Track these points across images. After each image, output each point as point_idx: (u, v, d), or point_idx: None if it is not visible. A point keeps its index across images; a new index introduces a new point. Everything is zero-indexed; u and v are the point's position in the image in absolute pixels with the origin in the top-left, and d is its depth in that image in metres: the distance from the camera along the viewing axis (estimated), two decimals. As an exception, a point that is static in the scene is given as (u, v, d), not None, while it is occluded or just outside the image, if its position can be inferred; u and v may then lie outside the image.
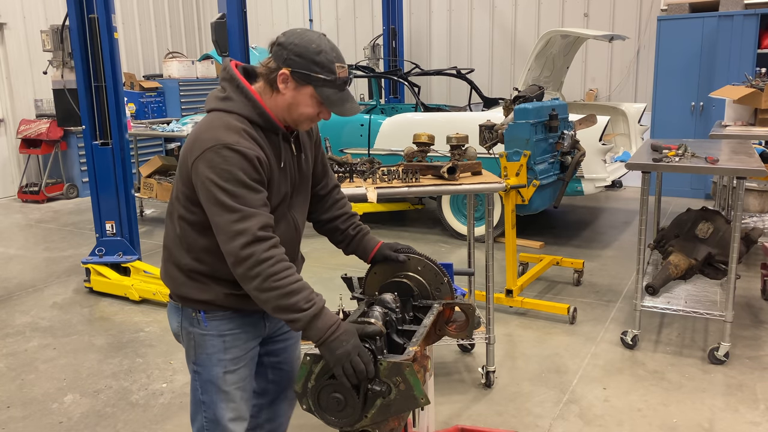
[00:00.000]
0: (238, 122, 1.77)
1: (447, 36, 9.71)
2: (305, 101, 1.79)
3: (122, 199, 4.89)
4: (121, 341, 4.14)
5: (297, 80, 1.76)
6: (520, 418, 3.14)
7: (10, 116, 8.79)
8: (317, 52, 1.74)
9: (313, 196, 2.12)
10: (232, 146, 1.70)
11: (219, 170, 1.69)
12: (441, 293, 2.04)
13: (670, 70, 7.31)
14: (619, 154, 6.65)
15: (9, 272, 5.62)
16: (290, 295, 1.68)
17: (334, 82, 1.76)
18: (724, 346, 3.58)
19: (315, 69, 1.74)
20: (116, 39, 4.75)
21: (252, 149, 1.73)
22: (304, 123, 1.85)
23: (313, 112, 1.81)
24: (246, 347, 1.96)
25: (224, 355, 1.92)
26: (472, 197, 3.76)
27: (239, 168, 1.69)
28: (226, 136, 1.72)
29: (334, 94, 1.78)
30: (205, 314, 1.90)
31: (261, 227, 1.69)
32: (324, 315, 1.70)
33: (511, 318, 4.32)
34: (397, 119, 6.25)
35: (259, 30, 11.08)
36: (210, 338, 1.91)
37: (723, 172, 3.99)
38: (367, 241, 2.13)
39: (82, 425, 3.18)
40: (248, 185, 1.70)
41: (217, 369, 1.92)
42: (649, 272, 4.36)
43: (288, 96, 1.79)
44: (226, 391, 1.94)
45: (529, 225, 6.40)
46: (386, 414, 1.63)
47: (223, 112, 1.79)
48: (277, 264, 1.69)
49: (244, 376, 1.98)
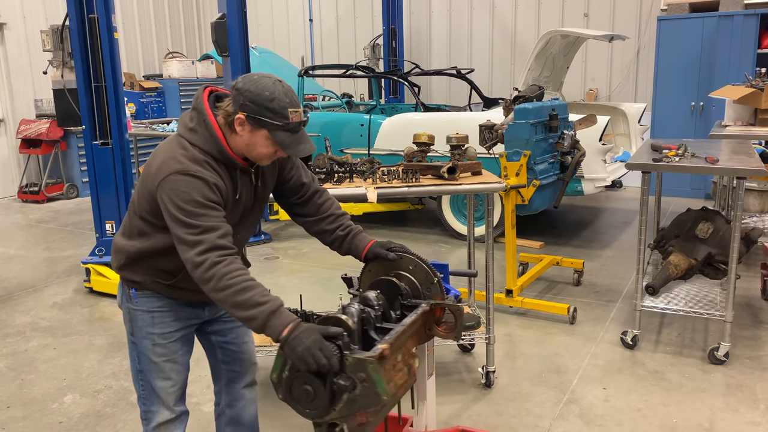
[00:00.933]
0: (201, 155, 1.93)
1: (447, 36, 9.71)
2: (261, 142, 1.93)
3: (122, 199, 4.88)
4: (121, 341, 4.14)
5: (252, 124, 1.90)
6: (520, 418, 3.14)
7: (10, 116, 8.79)
8: (270, 99, 1.88)
9: (293, 205, 2.28)
10: (194, 174, 1.88)
11: (181, 192, 1.86)
12: (432, 293, 2.04)
13: (670, 70, 7.31)
14: (619, 154, 6.65)
15: (9, 272, 5.62)
16: (245, 291, 1.80)
17: (286, 127, 1.90)
18: (724, 346, 3.58)
19: (268, 115, 1.88)
20: (116, 39, 4.75)
21: (212, 177, 1.90)
22: (264, 160, 2.01)
23: (270, 151, 1.96)
24: (176, 325, 2.15)
25: (153, 330, 2.13)
26: (472, 197, 3.76)
27: (199, 192, 1.86)
28: (190, 166, 1.89)
29: (288, 137, 1.91)
30: (135, 291, 2.12)
31: (220, 236, 1.85)
32: (281, 314, 1.78)
33: (511, 318, 4.32)
34: (397, 119, 6.25)
35: (259, 30, 11.09)
36: (140, 313, 2.13)
37: (723, 172, 3.99)
38: (359, 240, 2.19)
39: (82, 425, 3.18)
40: (207, 206, 1.87)
41: (146, 342, 2.14)
42: (649, 272, 4.36)
43: (245, 137, 1.94)
44: (156, 362, 2.15)
45: (529, 225, 6.40)
46: (352, 408, 1.66)
47: (187, 143, 1.95)
48: (230, 265, 1.83)
49: (175, 350, 2.16)
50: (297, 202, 2.27)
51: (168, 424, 2.20)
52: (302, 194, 2.26)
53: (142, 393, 2.21)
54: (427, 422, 2.32)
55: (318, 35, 10.72)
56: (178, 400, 2.21)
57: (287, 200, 2.28)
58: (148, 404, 2.20)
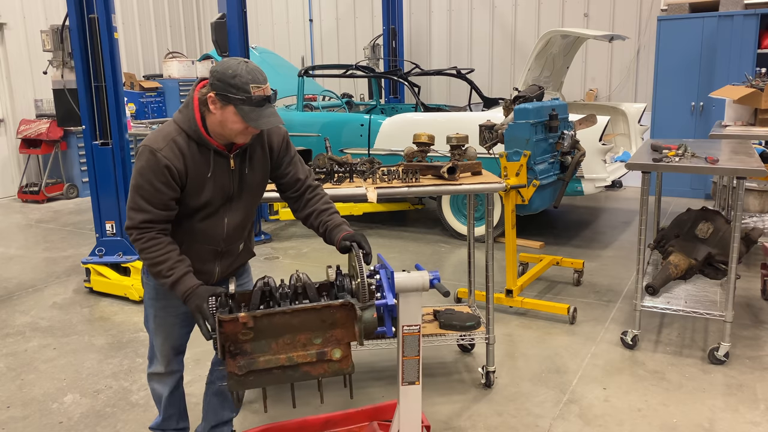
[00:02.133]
0: (176, 133, 2.20)
1: (447, 36, 9.71)
2: (231, 118, 2.13)
3: (122, 199, 4.88)
4: (121, 341, 4.14)
5: (221, 101, 2.12)
6: (520, 418, 3.14)
7: (10, 116, 8.79)
8: (233, 76, 2.09)
9: (287, 199, 2.53)
10: (154, 151, 2.15)
11: (140, 165, 2.18)
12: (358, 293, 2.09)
13: (670, 70, 7.31)
14: (619, 154, 6.65)
15: (9, 272, 5.62)
16: (156, 265, 2.19)
17: (249, 101, 2.09)
18: (724, 346, 3.58)
19: (232, 90, 2.09)
20: (116, 39, 4.75)
21: (168, 158, 2.15)
22: (238, 137, 2.19)
23: (241, 127, 2.15)
24: (175, 304, 2.41)
25: (156, 302, 2.49)
26: (472, 197, 3.76)
27: (151, 170, 2.15)
28: (156, 142, 2.17)
29: (251, 111, 2.11)
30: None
31: (143, 221, 2.19)
32: (181, 282, 2.16)
33: (511, 318, 4.32)
34: (397, 119, 6.25)
35: (259, 30, 11.09)
36: (148, 286, 2.49)
37: (723, 172, 3.98)
38: (334, 235, 2.37)
39: (82, 425, 3.18)
40: (153, 184, 2.16)
41: (151, 310, 2.52)
42: (649, 272, 4.36)
43: (218, 115, 2.15)
44: (155, 327, 2.54)
45: (529, 225, 6.40)
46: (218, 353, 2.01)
47: (173, 122, 2.24)
48: (147, 242, 2.19)
49: (172, 323, 2.51)
50: (292, 197, 2.51)
51: (161, 376, 2.63)
52: (297, 189, 2.49)
53: (150, 345, 2.63)
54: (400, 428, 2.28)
55: (318, 35, 10.72)
56: (171, 361, 2.60)
57: (284, 194, 2.53)
58: (150, 355, 2.64)
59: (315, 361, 2.06)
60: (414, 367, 2.23)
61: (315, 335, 2.05)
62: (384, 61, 9.16)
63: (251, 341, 2.00)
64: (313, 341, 2.05)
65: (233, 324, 1.96)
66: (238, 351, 2.00)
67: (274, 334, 2.01)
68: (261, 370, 2.02)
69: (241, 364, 2.00)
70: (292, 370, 2.05)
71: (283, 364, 2.03)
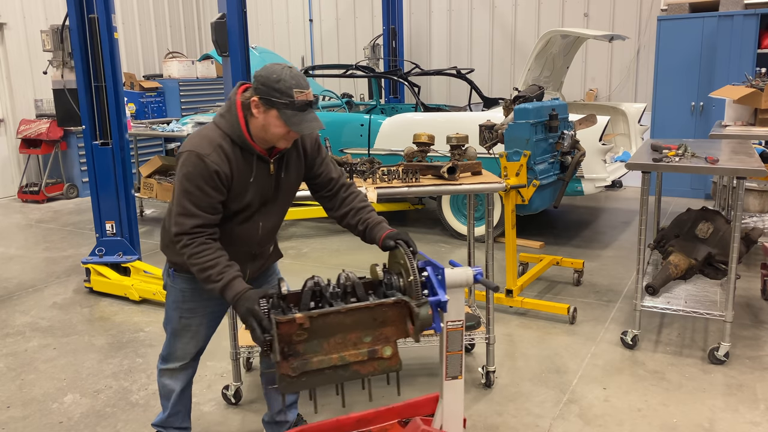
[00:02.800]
0: (221, 138, 2.20)
1: (447, 36, 9.71)
2: (273, 122, 2.16)
3: (122, 199, 4.88)
4: (121, 341, 4.14)
5: (264, 105, 2.14)
6: (520, 418, 3.14)
7: (10, 116, 8.79)
8: (277, 80, 2.11)
9: (321, 198, 2.54)
10: (202, 156, 2.15)
11: (186, 171, 2.17)
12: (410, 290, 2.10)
13: (670, 70, 7.31)
14: (619, 154, 6.64)
15: (9, 272, 5.62)
16: (205, 270, 2.16)
17: (292, 105, 2.12)
18: (724, 346, 3.58)
19: (275, 95, 2.12)
20: (116, 39, 4.75)
21: (216, 164, 2.16)
22: (280, 141, 2.22)
23: (283, 131, 2.17)
24: (203, 304, 2.48)
25: (182, 305, 2.49)
26: (472, 197, 3.76)
27: (200, 175, 2.15)
28: (203, 147, 2.17)
29: (294, 115, 2.13)
30: (174, 271, 2.47)
31: (194, 226, 2.17)
32: (231, 286, 2.13)
33: (511, 318, 4.32)
34: (397, 119, 6.25)
35: (259, 30, 11.09)
36: (174, 290, 2.50)
37: (723, 172, 3.98)
38: (375, 232, 2.37)
39: (82, 425, 3.18)
40: (202, 189, 2.16)
41: (175, 313, 2.52)
42: (649, 272, 4.36)
43: (260, 119, 2.17)
44: (178, 329, 2.54)
45: (529, 225, 6.40)
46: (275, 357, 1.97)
47: (215, 126, 2.24)
48: (197, 247, 2.17)
49: (197, 324, 2.53)
50: (326, 196, 2.52)
51: (174, 372, 2.63)
52: (330, 189, 2.50)
53: (165, 342, 2.62)
54: (443, 423, 2.32)
55: (318, 35, 10.72)
56: (190, 359, 2.61)
57: (318, 194, 2.55)
58: (165, 353, 2.63)
59: (366, 359, 2.05)
60: (458, 361, 2.31)
61: (365, 334, 2.05)
62: (384, 61, 9.16)
63: (304, 342, 1.98)
64: (363, 340, 2.05)
65: (289, 325, 1.95)
66: (291, 352, 1.98)
67: (327, 333, 2.00)
68: (313, 370, 2.01)
69: (294, 365, 1.97)
70: (342, 370, 2.04)
71: (335, 364, 2.02)
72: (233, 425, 3.13)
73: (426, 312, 2.05)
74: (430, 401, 2.55)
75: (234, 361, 3.31)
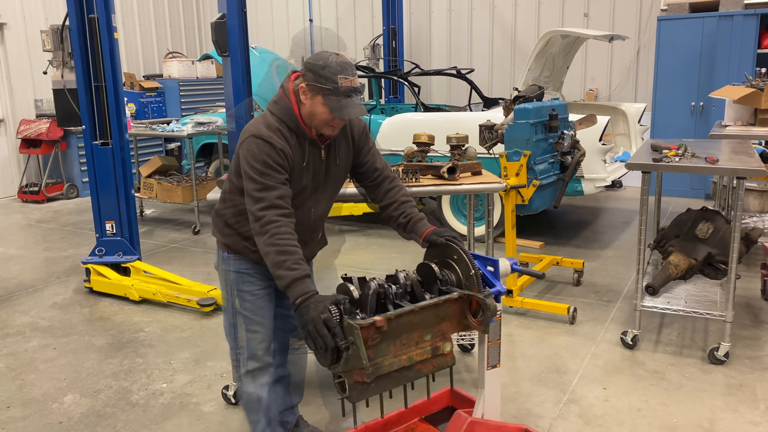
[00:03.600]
0: (277, 123, 2.26)
1: (447, 36, 9.71)
2: (319, 108, 2.20)
3: (122, 199, 4.89)
4: (121, 341, 4.14)
5: (311, 91, 2.20)
6: (520, 418, 3.14)
7: (10, 116, 8.79)
8: (323, 66, 2.17)
9: (366, 188, 2.57)
10: (266, 138, 2.20)
11: (253, 153, 2.19)
12: (470, 284, 2.15)
13: (670, 70, 7.31)
14: (619, 154, 6.65)
15: (9, 272, 5.62)
16: (284, 253, 2.10)
17: (336, 91, 2.15)
18: (724, 346, 3.58)
19: (321, 81, 2.16)
20: (116, 39, 4.75)
21: (280, 144, 2.20)
22: (325, 128, 2.26)
23: (328, 117, 2.21)
24: (262, 284, 2.45)
25: (243, 287, 2.45)
26: (472, 197, 3.76)
27: (267, 154, 2.18)
28: (263, 131, 2.22)
29: (337, 101, 2.16)
30: (228, 254, 2.45)
31: (278, 197, 2.17)
32: (303, 282, 2.05)
33: (511, 318, 4.32)
34: (397, 119, 6.25)
35: (259, 30, 11.09)
36: (231, 273, 2.46)
37: (723, 172, 3.99)
38: (419, 227, 2.40)
39: (82, 425, 3.18)
40: (273, 167, 2.18)
41: (237, 299, 2.47)
42: (649, 272, 4.36)
43: (308, 105, 2.23)
44: (245, 316, 2.47)
45: (529, 225, 6.40)
46: (347, 366, 1.89)
47: (269, 113, 2.30)
48: (282, 227, 2.13)
49: (261, 306, 2.46)
50: (369, 186, 2.55)
51: (256, 372, 2.51)
52: (374, 179, 2.53)
53: (235, 344, 2.56)
54: (484, 411, 2.38)
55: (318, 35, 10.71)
56: (265, 352, 2.50)
57: (362, 183, 2.57)
58: (239, 355, 2.54)
59: (428, 357, 2.04)
60: (497, 350, 2.39)
61: (426, 332, 2.05)
62: (384, 61, 9.16)
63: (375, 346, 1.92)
64: (424, 338, 2.04)
65: (367, 330, 1.87)
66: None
67: (395, 335, 1.97)
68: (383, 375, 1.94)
69: (370, 371, 1.89)
70: (407, 370, 2.02)
71: (404, 365, 1.99)
72: (233, 425, 3.13)
73: (492, 303, 2.11)
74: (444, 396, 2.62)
75: (234, 361, 3.31)
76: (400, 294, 2.07)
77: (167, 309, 4.61)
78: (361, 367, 1.87)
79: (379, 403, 2.13)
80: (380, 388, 1.97)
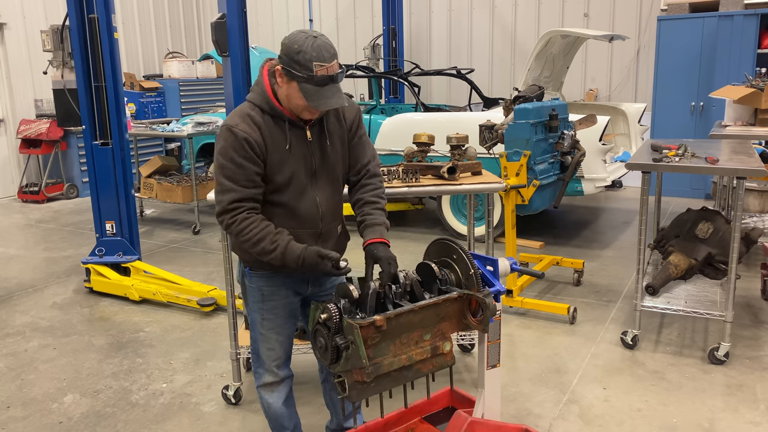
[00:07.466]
0: (250, 109, 2.17)
1: (447, 36, 9.71)
2: (294, 94, 2.11)
3: (122, 199, 4.89)
4: (121, 341, 4.14)
5: (287, 75, 2.09)
6: (520, 418, 3.13)
7: (10, 116, 8.79)
8: (297, 51, 2.04)
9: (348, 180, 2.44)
10: (231, 128, 2.13)
11: (219, 146, 2.16)
12: (470, 283, 2.14)
13: (670, 70, 7.31)
14: (619, 154, 6.64)
15: (9, 272, 5.62)
16: (257, 243, 2.13)
17: (311, 79, 2.04)
18: (724, 346, 3.58)
19: (295, 67, 2.05)
20: (116, 39, 4.75)
21: (245, 132, 2.12)
22: (303, 112, 2.16)
23: (304, 104, 2.11)
24: (283, 301, 2.39)
25: (262, 305, 2.39)
26: (472, 197, 3.76)
27: (230, 146, 2.12)
28: (232, 120, 2.15)
29: (313, 89, 2.06)
30: (249, 270, 2.39)
31: (231, 201, 2.13)
32: (290, 249, 2.13)
33: (511, 318, 4.32)
34: (397, 119, 6.25)
35: (259, 30, 11.08)
36: (252, 290, 2.41)
37: (723, 172, 3.98)
38: (366, 233, 2.30)
39: (82, 425, 3.18)
40: (234, 161, 2.12)
41: (257, 315, 2.42)
42: (649, 272, 4.36)
43: (284, 89, 2.13)
44: (263, 333, 2.42)
45: (529, 225, 6.40)
46: (347, 365, 1.91)
47: (246, 101, 2.22)
48: (241, 223, 2.13)
49: (280, 324, 2.42)
50: (350, 179, 2.44)
51: (272, 386, 2.49)
52: (358, 171, 2.40)
53: (254, 356, 2.51)
54: (484, 411, 2.38)
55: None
56: (281, 367, 2.47)
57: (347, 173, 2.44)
58: (256, 366, 2.51)
59: (428, 357, 2.04)
60: (497, 350, 2.39)
61: (426, 331, 2.04)
62: (384, 61, 9.16)
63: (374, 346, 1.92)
64: (424, 338, 2.04)
65: (366, 329, 1.88)
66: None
67: (395, 334, 1.97)
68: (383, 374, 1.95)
69: (369, 371, 1.90)
70: (407, 370, 2.02)
71: (403, 365, 1.99)
72: (233, 425, 3.13)
73: (492, 302, 2.11)
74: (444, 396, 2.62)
75: (234, 361, 3.31)
76: (399, 293, 2.07)
77: (167, 309, 4.61)
78: (361, 367, 1.88)
79: (379, 403, 2.14)
80: (380, 388, 1.98)
